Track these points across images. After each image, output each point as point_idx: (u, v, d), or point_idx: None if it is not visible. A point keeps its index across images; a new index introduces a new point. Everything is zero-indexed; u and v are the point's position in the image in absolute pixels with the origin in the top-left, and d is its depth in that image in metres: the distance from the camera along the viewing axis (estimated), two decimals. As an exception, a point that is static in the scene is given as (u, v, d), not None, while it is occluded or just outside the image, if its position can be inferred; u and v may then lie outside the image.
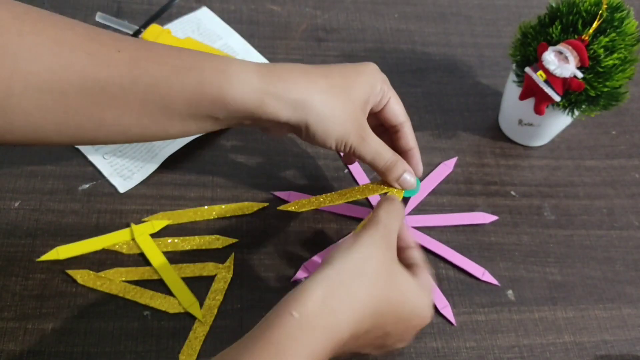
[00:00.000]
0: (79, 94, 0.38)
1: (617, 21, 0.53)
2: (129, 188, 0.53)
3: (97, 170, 0.54)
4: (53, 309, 0.47)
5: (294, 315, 0.34)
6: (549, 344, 0.51)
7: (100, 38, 0.39)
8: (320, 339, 0.35)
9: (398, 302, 0.39)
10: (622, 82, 0.54)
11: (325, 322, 0.35)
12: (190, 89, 0.40)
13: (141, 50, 0.40)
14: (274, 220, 0.54)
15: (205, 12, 0.67)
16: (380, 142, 0.46)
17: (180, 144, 0.56)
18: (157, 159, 0.55)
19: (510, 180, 0.61)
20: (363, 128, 0.45)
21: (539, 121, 0.59)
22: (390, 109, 0.47)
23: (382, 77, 0.46)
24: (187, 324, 0.47)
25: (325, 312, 0.35)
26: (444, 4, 0.75)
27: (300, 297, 0.35)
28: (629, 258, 0.57)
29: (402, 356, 0.48)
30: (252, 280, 0.50)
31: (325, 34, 0.69)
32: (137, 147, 0.56)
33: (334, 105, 0.43)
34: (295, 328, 0.34)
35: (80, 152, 0.55)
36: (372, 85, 0.45)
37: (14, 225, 0.50)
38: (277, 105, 0.42)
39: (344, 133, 0.43)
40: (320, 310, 0.35)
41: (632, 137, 0.67)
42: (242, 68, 0.41)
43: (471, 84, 0.68)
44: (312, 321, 0.35)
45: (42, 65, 0.36)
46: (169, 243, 0.51)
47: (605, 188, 0.62)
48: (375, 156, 0.45)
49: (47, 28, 0.37)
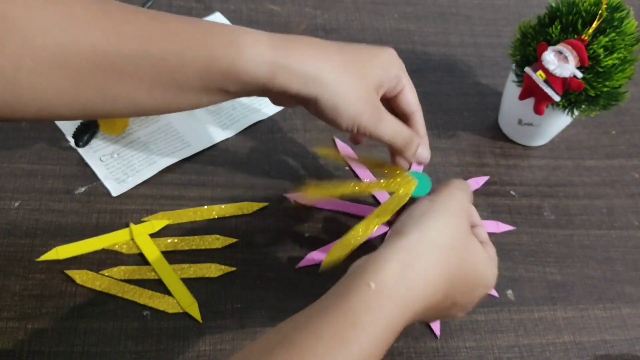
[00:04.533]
0: (89, 68, 0.37)
1: (617, 21, 0.53)
2: (121, 192, 0.53)
3: (93, 172, 0.54)
4: (53, 309, 0.47)
5: (371, 285, 0.34)
6: (549, 343, 0.51)
7: (109, 11, 0.38)
8: (396, 310, 0.35)
9: (471, 274, 0.39)
10: (622, 81, 0.54)
11: (403, 294, 0.35)
12: (202, 63, 0.40)
13: (151, 23, 0.39)
14: (274, 220, 0.54)
15: (217, 17, 0.67)
16: (397, 121, 0.45)
17: (179, 156, 0.56)
18: (155, 167, 0.55)
19: (509, 180, 0.61)
20: (378, 108, 0.44)
21: (538, 121, 0.59)
22: (404, 96, 0.46)
23: (399, 63, 0.46)
24: (187, 324, 0.47)
25: (403, 284, 0.35)
26: (444, 4, 0.75)
27: (378, 268, 0.35)
28: (628, 258, 0.57)
29: (401, 355, 0.48)
30: (252, 280, 0.50)
31: (325, 34, 0.69)
32: (135, 152, 0.55)
33: (346, 83, 0.42)
34: (372, 298, 0.34)
35: (78, 153, 0.55)
36: (388, 70, 0.44)
37: (13, 225, 0.50)
38: (288, 77, 0.41)
39: (355, 114, 0.43)
40: (397, 282, 0.35)
41: (631, 137, 0.67)
42: (255, 39, 0.41)
43: (471, 83, 0.68)
44: (389, 293, 0.35)
45: (52, 40, 0.36)
46: (169, 243, 0.51)
47: (605, 188, 0.62)
48: (394, 135, 0.45)
49: (55, 2, 0.36)
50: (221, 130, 0.58)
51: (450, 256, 0.38)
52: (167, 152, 0.56)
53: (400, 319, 0.35)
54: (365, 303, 0.34)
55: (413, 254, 0.37)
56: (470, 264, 0.40)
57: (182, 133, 0.57)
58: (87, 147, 0.55)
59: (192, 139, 0.57)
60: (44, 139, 0.55)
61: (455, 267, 0.38)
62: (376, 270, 0.35)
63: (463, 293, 0.40)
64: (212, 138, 0.58)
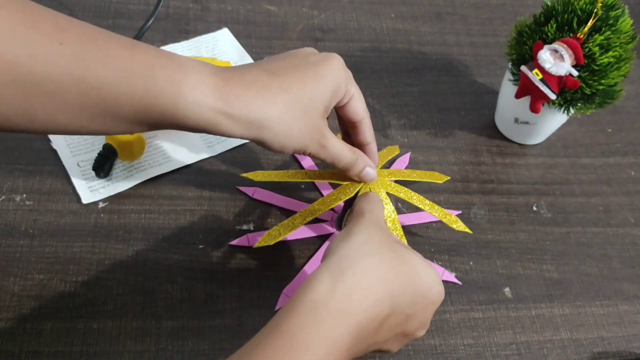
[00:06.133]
0: (8, 86, 0.34)
1: (612, 19, 0.53)
2: (90, 201, 0.52)
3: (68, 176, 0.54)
4: (51, 309, 0.47)
5: (306, 304, 0.34)
6: (546, 341, 0.51)
7: (42, 25, 0.34)
8: (335, 324, 0.34)
9: (410, 278, 0.38)
10: (617, 80, 0.54)
11: (338, 306, 0.34)
12: (139, 98, 0.37)
13: (87, 45, 0.36)
14: (273, 219, 0.54)
15: (225, 33, 0.66)
16: (340, 145, 0.45)
17: (160, 171, 0.55)
18: (132, 180, 0.54)
19: (506, 178, 0.61)
20: (322, 135, 0.43)
21: (534, 119, 0.59)
22: (352, 106, 0.45)
23: (347, 75, 0.44)
24: (186, 323, 0.48)
25: (336, 296, 0.34)
26: (440, 4, 0.75)
27: (310, 286, 0.35)
28: (625, 255, 0.58)
29: (400, 354, 0.49)
30: (251, 280, 0.51)
31: (322, 34, 0.69)
32: (115, 166, 0.54)
33: (291, 122, 0.41)
34: (307, 315, 0.33)
35: (78, 153, 0.55)
36: (335, 90, 0.43)
37: (12, 225, 0.50)
38: (231, 124, 0.39)
39: (301, 146, 0.42)
40: (330, 295, 0.34)
41: (627, 135, 0.67)
42: (198, 81, 0.38)
43: (467, 82, 0.68)
44: (324, 307, 0.34)
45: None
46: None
47: (601, 185, 0.62)
48: (334, 159, 0.45)
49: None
50: (206, 148, 0.58)
51: (383, 261, 0.37)
52: (145, 166, 0.55)
53: (341, 334, 0.34)
54: (301, 322, 0.33)
55: (343, 267, 0.36)
56: (407, 267, 0.38)
57: (164, 148, 0.56)
58: (67, 149, 0.54)
59: (174, 154, 0.56)
60: (42, 139, 0.55)
61: (392, 272, 0.37)
62: (309, 288, 0.35)
63: (412, 301, 0.38)
64: (191, 157, 0.57)
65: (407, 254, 0.39)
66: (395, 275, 0.37)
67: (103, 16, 0.65)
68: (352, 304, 0.35)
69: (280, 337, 0.33)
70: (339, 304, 0.34)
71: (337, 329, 0.34)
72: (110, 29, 0.38)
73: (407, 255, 0.39)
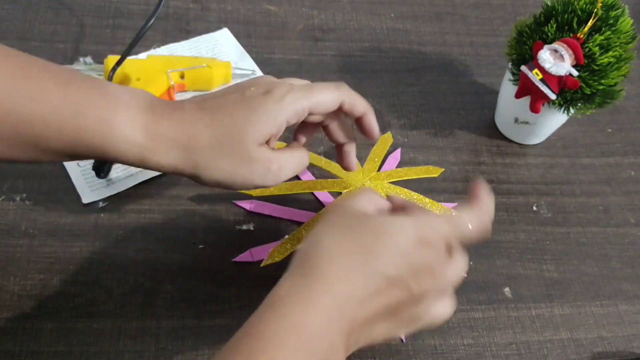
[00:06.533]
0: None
1: (612, 19, 0.53)
2: (90, 201, 0.52)
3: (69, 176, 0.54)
4: (51, 309, 0.47)
5: (270, 299, 0.34)
6: (546, 340, 0.51)
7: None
8: (301, 310, 0.33)
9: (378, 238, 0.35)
10: (618, 79, 0.55)
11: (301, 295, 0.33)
12: (69, 134, 0.38)
13: (19, 78, 0.36)
14: (273, 219, 0.54)
15: (225, 33, 0.66)
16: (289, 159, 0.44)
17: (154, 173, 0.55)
18: (132, 180, 0.54)
19: (506, 178, 0.61)
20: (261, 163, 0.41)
21: (534, 119, 0.59)
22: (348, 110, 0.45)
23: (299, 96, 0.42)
24: (186, 323, 0.48)
25: (300, 286, 0.34)
26: (440, 4, 0.75)
27: (276, 286, 0.35)
28: (624, 255, 0.58)
29: (399, 354, 0.49)
30: (251, 280, 0.51)
31: (322, 34, 0.69)
32: (115, 166, 0.54)
33: (219, 161, 0.40)
34: (272, 309, 0.33)
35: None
36: (274, 119, 0.41)
37: (12, 225, 0.50)
38: (159, 159, 0.40)
39: (232, 182, 0.42)
40: (294, 287, 0.34)
41: (627, 135, 0.67)
42: (128, 119, 0.39)
43: (467, 82, 0.68)
44: (288, 298, 0.33)
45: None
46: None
47: (601, 185, 0.62)
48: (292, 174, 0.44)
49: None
50: None
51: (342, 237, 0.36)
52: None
53: (315, 317, 0.33)
54: (266, 317, 0.33)
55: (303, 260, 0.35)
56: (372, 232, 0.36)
57: None
58: None
59: None
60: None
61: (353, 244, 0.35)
62: (277, 288, 0.35)
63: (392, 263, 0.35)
64: None
65: (371, 220, 0.37)
66: (358, 245, 0.35)
67: (103, 16, 0.65)
68: (318, 288, 0.34)
69: (251, 334, 0.33)
70: (303, 291, 0.34)
71: (306, 316, 0.33)
72: (110, 29, 0.38)
73: (371, 221, 0.37)
